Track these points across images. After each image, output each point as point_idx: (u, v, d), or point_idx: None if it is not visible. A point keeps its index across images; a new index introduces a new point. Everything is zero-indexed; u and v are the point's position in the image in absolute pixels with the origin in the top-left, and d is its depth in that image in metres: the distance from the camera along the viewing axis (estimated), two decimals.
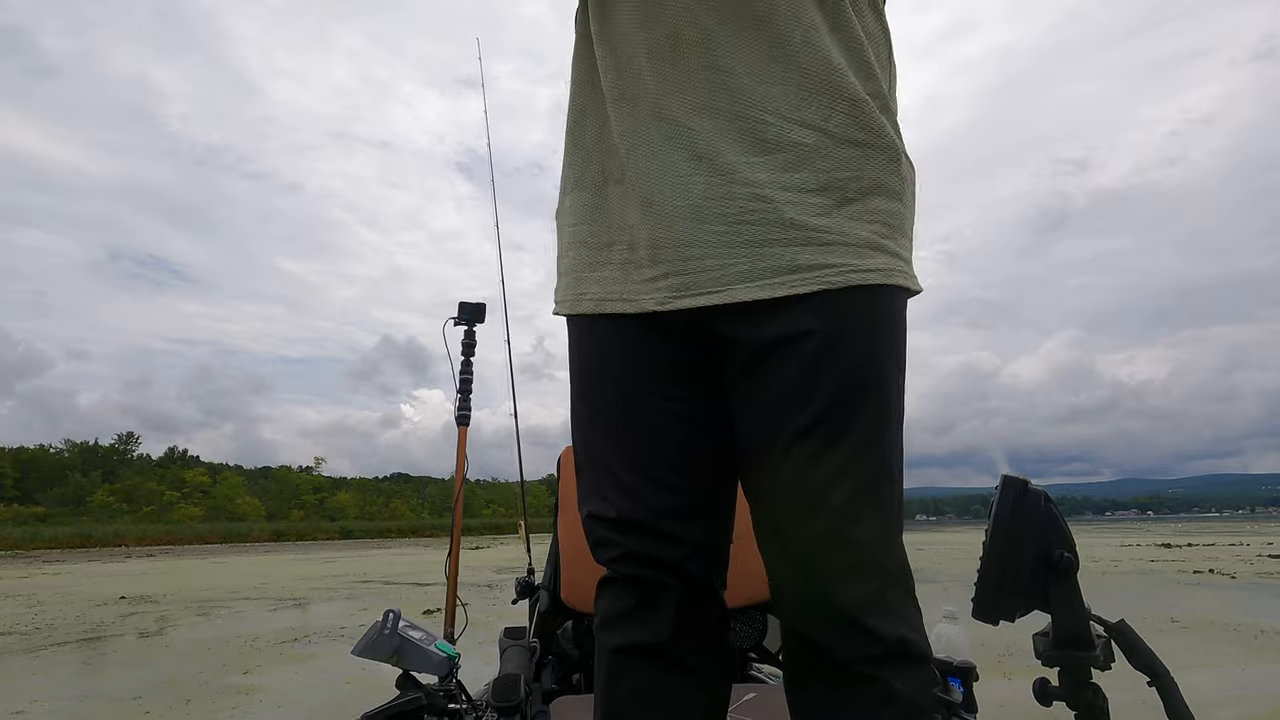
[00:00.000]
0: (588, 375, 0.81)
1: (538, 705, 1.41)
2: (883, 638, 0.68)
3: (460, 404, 2.16)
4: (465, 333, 2.18)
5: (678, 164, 0.72)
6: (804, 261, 0.68)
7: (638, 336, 0.77)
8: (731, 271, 0.70)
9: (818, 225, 0.69)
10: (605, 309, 0.78)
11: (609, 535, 0.79)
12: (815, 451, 0.68)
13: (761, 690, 1.39)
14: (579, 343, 0.82)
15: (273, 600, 7.17)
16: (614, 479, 0.78)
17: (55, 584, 9.86)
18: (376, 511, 60.44)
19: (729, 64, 0.72)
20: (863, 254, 0.70)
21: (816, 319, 0.69)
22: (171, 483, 54.85)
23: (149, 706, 2.87)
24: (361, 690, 3.05)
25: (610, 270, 0.78)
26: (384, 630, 1.32)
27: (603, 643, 0.81)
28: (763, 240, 0.69)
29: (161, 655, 4.13)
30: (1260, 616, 4.79)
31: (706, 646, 0.80)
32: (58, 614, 6.22)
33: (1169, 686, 0.77)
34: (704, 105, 0.72)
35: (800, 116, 0.71)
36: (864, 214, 0.71)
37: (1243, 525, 42.22)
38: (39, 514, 42.42)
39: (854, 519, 0.69)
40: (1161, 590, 6.68)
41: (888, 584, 0.71)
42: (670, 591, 0.77)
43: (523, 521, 2.22)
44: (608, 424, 0.79)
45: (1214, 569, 8.83)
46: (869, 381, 0.70)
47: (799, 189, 0.70)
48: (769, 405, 0.71)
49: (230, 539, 33.98)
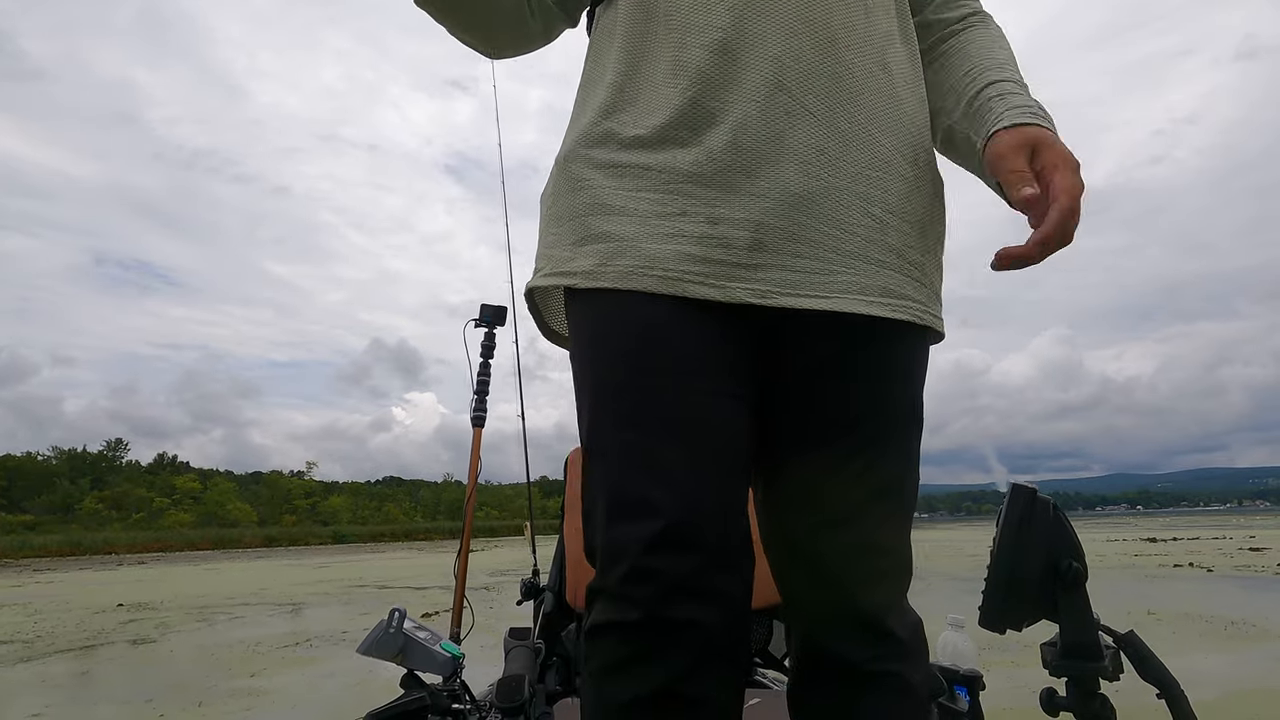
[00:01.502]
0: (639, 363, 0.66)
1: (541, 707, 1.41)
2: (902, 638, 0.71)
3: (476, 405, 2.16)
4: (485, 335, 2.19)
5: (813, 148, 0.67)
6: (901, 290, 0.69)
7: (701, 323, 0.66)
8: (840, 280, 0.67)
9: (914, 260, 0.71)
10: (680, 290, 0.65)
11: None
12: (860, 471, 0.69)
13: (766, 696, 1.39)
14: (622, 322, 0.66)
15: (271, 605, 7.22)
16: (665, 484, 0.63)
17: (50, 592, 9.84)
18: (369, 516, 60.16)
19: (892, 67, 0.72)
20: (933, 299, 0.73)
21: (889, 346, 0.70)
22: (162, 489, 54.43)
23: (162, 709, 2.96)
24: (370, 692, 3.14)
25: (683, 244, 0.65)
26: (389, 629, 1.32)
27: (607, 693, 0.63)
28: (870, 258, 0.68)
29: (166, 660, 4.21)
30: (1232, 609, 4.97)
31: (729, 673, 0.66)
32: (57, 622, 6.25)
33: (1178, 699, 0.76)
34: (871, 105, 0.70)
35: (924, 144, 0.74)
36: (937, 260, 0.75)
37: (1228, 519, 42.79)
38: (27, 522, 41.98)
39: (886, 532, 0.71)
40: (1142, 584, 6.86)
41: (904, 587, 0.74)
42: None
43: (529, 523, 2.24)
44: (666, 421, 0.64)
45: (1194, 562, 9.03)
46: (914, 413, 0.73)
47: (903, 217, 0.70)
48: (818, 418, 0.70)
49: (222, 545, 33.76)
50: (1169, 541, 14.50)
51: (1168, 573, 7.93)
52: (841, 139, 0.68)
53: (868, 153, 0.68)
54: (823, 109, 0.67)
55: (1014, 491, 0.80)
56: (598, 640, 0.64)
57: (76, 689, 3.51)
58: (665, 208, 0.67)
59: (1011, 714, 2.41)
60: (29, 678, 3.77)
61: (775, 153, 0.66)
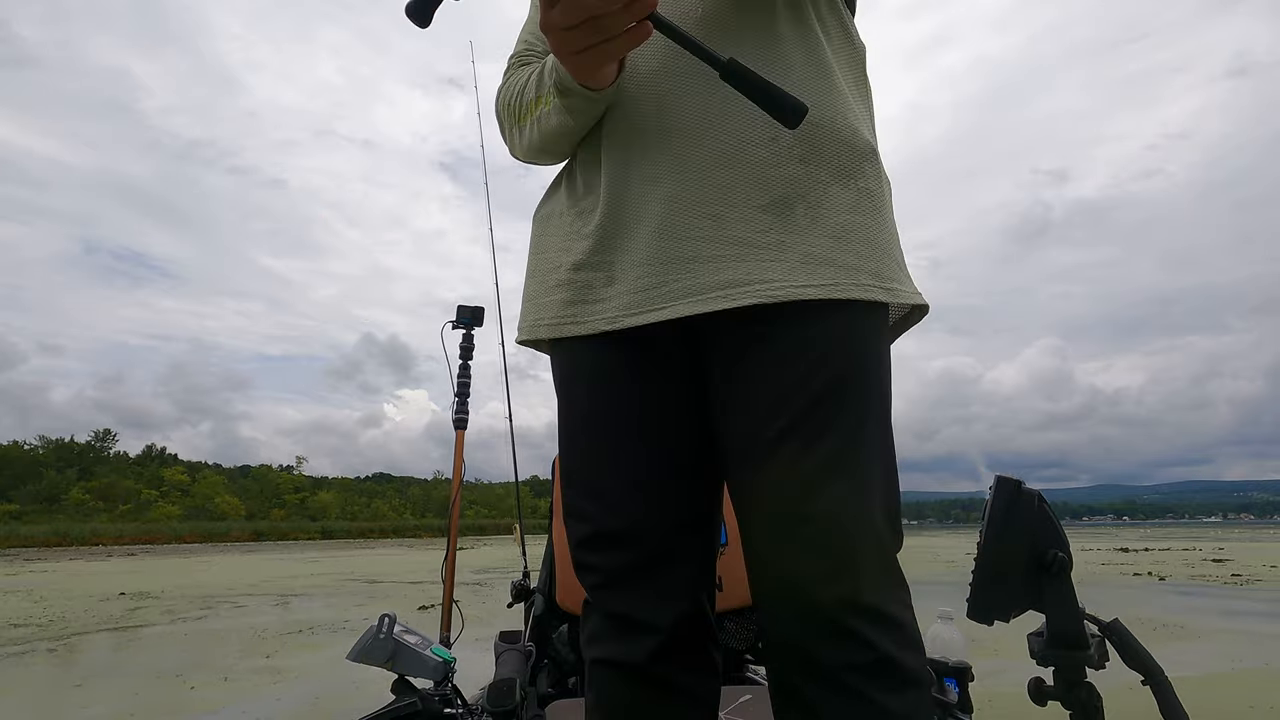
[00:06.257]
0: (575, 404, 0.79)
1: (533, 709, 1.39)
2: (874, 645, 0.63)
3: (458, 407, 2.12)
4: (464, 336, 2.16)
5: (646, 184, 0.73)
6: (751, 277, 0.68)
7: (623, 358, 0.75)
8: (675, 287, 0.70)
9: (774, 241, 0.69)
10: (558, 332, 0.78)
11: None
12: (797, 455, 0.66)
13: (756, 692, 1.39)
14: (588, 364, 0.77)
15: (271, 596, 7.48)
16: (605, 495, 0.75)
17: (48, 581, 10.03)
18: (358, 512, 60.15)
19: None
20: (811, 267, 0.69)
21: (790, 330, 0.69)
22: (149, 481, 54.25)
23: (192, 683, 3.29)
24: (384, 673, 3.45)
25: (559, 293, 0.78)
26: (379, 635, 1.33)
27: (588, 656, 0.78)
28: (707, 256, 0.70)
29: (181, 643, 4.51)
30: (1168, 612, 5.38)
31: (695, 664, 0.75)
32: (65, 608, 6.49)
33: (1163, 685, 0.76)
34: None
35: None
36: (830, 226, 0.70)
37: (1208, 531, 43.45)
38: (13, 511, 41.84)
39: (836, 516, 0.65)
40: (1095, 590, 7.24)
41: (878, 588, 0.65)
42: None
43: (518, 525, 2.30)
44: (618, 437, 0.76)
45: (1152, 571, 9.45)
46: (854, 387, 0.68)
47: (751, 205, 0.70)
48: (748, 413, 0.70)
49: (209, 538, 33.79)
50: (1140, 552, 14.89)
51: (1124, 581, 8.36)
52: (679, 163, 0.72)
53: (706, 151, 0.71)
54: (666, 162, 0.73)
55: (999, 483, 0.78)
56: (586, 615, 0.80)
57: (105, 665, 3.83)
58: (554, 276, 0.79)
59: (1001, 702, 2.52)
60: (57, 657, 4.09)
61: (634, 214, 0.74)
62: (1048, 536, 0.75)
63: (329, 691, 3.09)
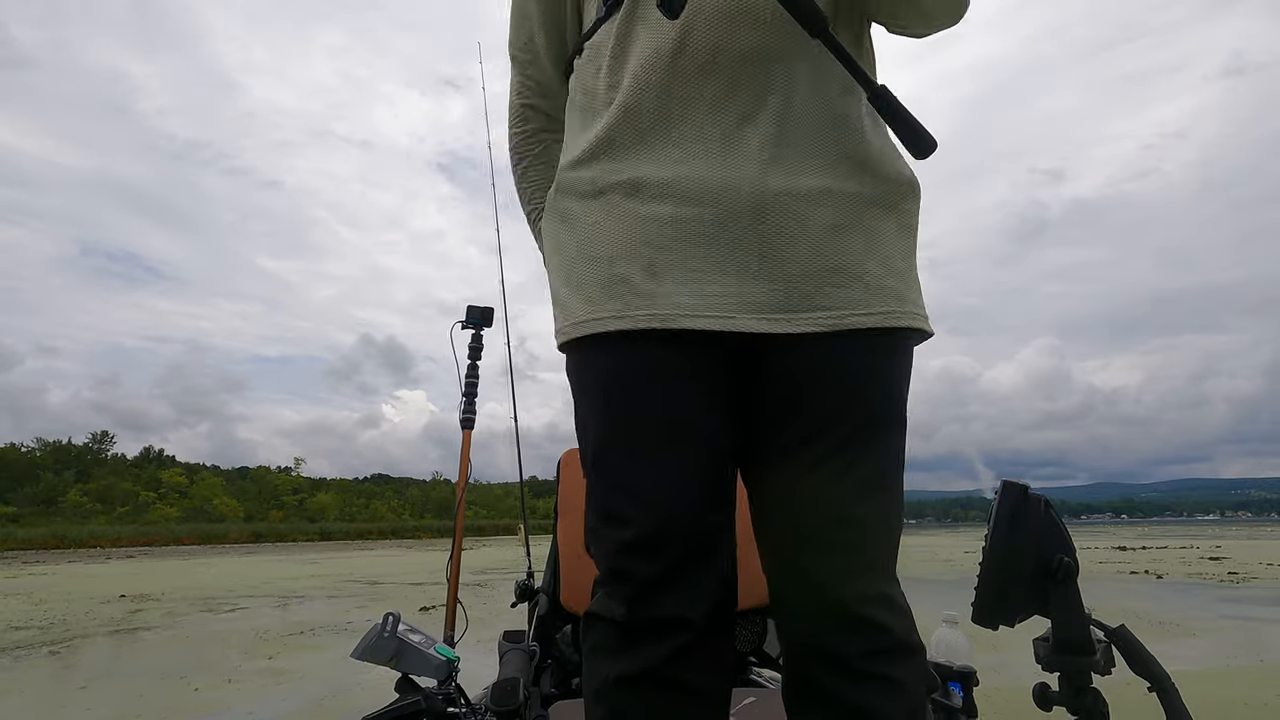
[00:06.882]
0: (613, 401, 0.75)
1: (537, 710, 1.39)
2: (893, 634, 0.70)
3: (465, 407, 2.13)
4: (473, 336, 2.16)
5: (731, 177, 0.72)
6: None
7: (668, 354, 0.73)
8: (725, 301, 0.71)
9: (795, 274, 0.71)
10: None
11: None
12: (841, 470, 0.71)
13: (761, 694, 1.39)
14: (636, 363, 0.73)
15: (272, 598, 7.49)
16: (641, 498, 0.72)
17: (48, 584, 10.00)
18: (357, 513, 60.03)
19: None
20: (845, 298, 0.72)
21: (859, 356, 0.72)
22: (147, 483, 54.06)
23: (196, 684, 3.31)
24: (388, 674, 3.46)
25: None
26: (383, 633, 1.33)
27: (598, 669, 0.74)
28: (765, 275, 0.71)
29: (182, 645, 4.53)
30: (1164, 609, 5.41)
31: (713, 664, 0.75)
32: (65, 611, 6.48)
33: (1170, 692, 0.75)
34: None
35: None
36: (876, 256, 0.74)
37: (1205, 529, 43.61)
38: (10, 514, 41.72)
39: (867, 528, 0.71)
40: (1092, 587, 7.30)
41: (889, 579, 0.72)
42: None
43: (523, 525, 2.27)
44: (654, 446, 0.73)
45: (1149, 570, 9.49)
46: (891, 411, 0.73)
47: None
48: (794, 422, 0.72)
49: (208, 540, 33.72)
50: (1137, 550, 14.89)
51: (1121, 578, 8.40)
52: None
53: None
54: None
55: (1005, 488, 0.78)
56: (591, 625, 0.76)
57: (109, 667, 3.84)
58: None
59: (1005, 707, 2.51)
60: (59, 659, 4.09)
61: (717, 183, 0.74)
62: (1054, 542, 0.76)
63: (333, 692, 3.11)
